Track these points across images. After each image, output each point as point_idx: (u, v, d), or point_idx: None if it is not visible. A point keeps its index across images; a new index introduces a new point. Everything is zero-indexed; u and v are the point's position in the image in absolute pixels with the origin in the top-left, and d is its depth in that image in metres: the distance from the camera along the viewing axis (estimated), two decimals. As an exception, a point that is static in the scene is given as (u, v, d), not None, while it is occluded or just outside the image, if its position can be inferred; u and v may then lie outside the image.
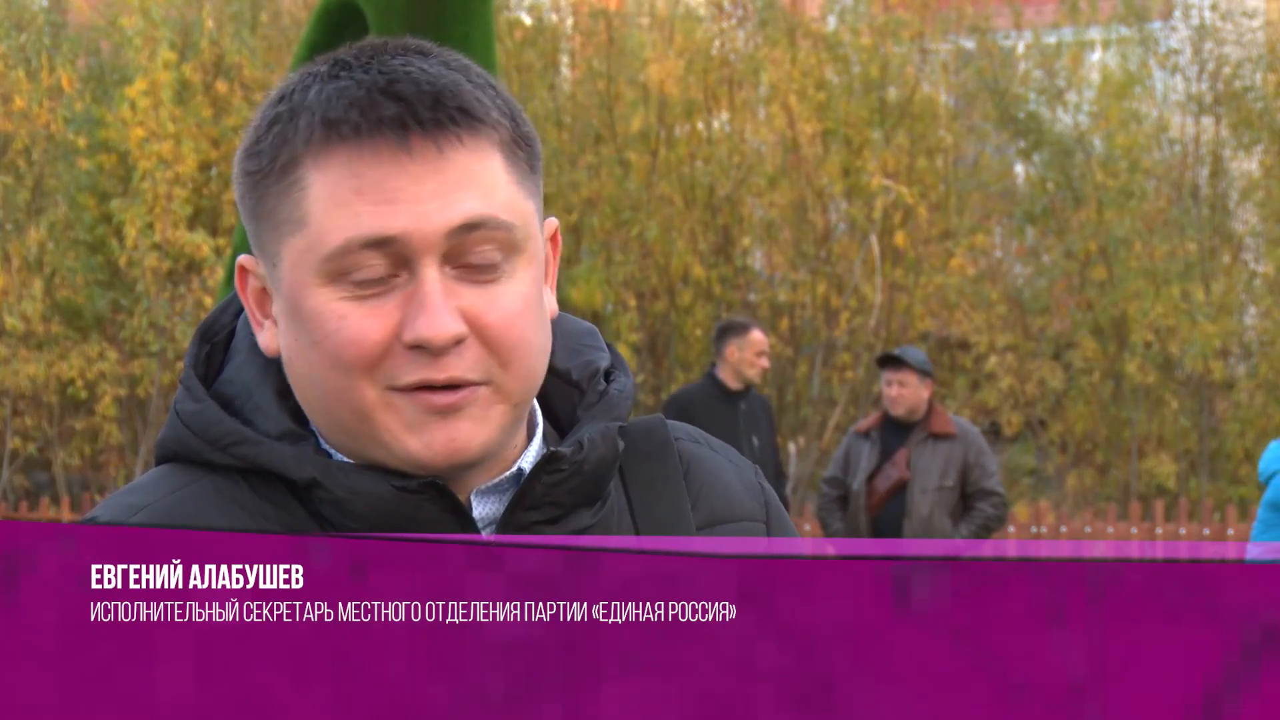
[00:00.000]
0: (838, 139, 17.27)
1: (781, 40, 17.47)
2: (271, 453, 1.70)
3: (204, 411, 1.74)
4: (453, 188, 1.65)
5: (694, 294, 17.17)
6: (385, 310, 1.66)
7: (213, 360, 1.80)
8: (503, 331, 1.67)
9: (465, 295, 1.66)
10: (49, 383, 16.63)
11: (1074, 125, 17.37)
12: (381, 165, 1.65)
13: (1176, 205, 17.28)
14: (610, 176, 16.94)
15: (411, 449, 1.67)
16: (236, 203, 1.75)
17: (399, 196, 1.65)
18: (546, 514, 1.73)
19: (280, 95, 1.72)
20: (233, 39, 17.16)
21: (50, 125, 16.89)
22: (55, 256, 16.88)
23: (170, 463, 1.76)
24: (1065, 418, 17.11)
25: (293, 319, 1.69)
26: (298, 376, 1.71)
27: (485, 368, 1.67)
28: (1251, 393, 16.68)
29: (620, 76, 17.39)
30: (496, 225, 1.67)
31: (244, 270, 1.76)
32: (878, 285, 17.12)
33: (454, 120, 1.67)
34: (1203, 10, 17.39)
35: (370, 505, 1.68)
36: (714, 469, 1.87)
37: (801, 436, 17.13)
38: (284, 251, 1.69)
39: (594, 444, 1.74)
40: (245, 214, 1.73)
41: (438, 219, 1.65)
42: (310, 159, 1.67)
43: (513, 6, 17.60)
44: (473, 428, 1.67)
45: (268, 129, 1.71)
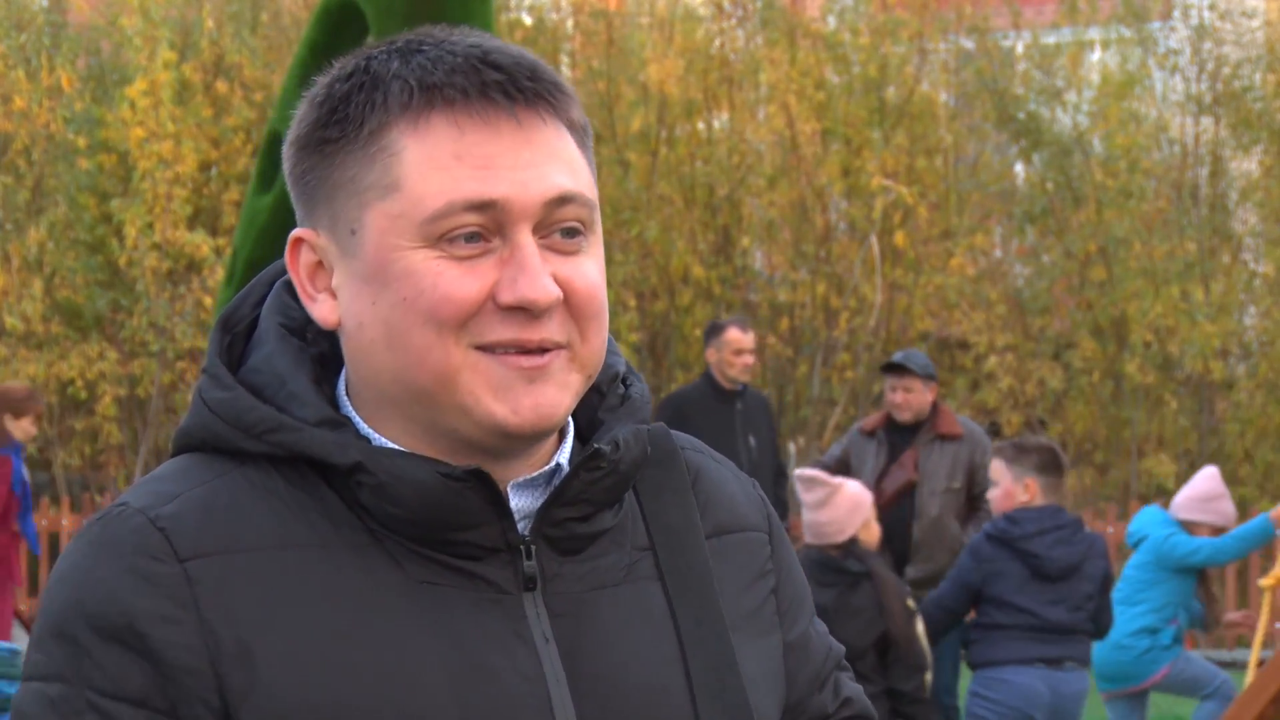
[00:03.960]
0: (837, 139, 17.27)
1: (781, 40, 17.47)
2: (313, 439, 1.69)
3: (236, 399, 1.73)
4: (546, 159, 1.69)
5: (694, 294, 17.16)
6: (481, 271, 1.67)
7: (234, 350, 1.79)
8: (586, 301, 1.70)
9: (554, 263, 1.69)
10: (49, 383, 16.63)
11: (1073, 125, 17.37)
12: (482, 130, 1.67)
13: (1176, 205, 17.28)
14: (610, 176, 16.94)
15: (497, 413, 1.68)
16: (295, 180, 1.74)
17: (496, 162, 1.67)
18: (580, 511, 1.74)
19: (350, 71, 1.72)
20: (233, 39, 17.16)
21: (50, 125, 16.89)
22: (55, 256, 16.88)
23: (193, 452, 1.75)
24: (1065, 418, 17.11)
25: (374, 282, 1.69)
26: (370, 344, 1.70)
27: (568, 333, 1.70)
28: (1251, 393, 16.68)
29: (620, 76, 17.39)
30: (584, 202, 1.70)
31: (298, 243, 1.75)
32: (878, 285, 17.12)
33: (550, 94, 1.71)
34: (1202, 10, 17.39)
35: (413, 490, 1.67)
36: (719, 479, 1.89)
37: (801, 436, 17.13)
38: (368, 217, 1.69)
39: (629, 444, 1.76)
40: (311, 185, 1.72)
41: (535, 189, 1.67)
42: (407, 123, 1.68)
43: (513, 6, 17.61)
44: (558, 393, 1.69)
45: (345, 99, 1.70)
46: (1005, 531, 7.43)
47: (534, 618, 1.71)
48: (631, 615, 1.75)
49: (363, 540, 1.69)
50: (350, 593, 1.67)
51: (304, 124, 1.73)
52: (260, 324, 1.80)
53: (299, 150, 1.73)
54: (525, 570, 1.71)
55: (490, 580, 1.71)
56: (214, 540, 1.67)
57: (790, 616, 1.88)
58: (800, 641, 1.88)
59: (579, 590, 1.74)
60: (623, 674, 1.73)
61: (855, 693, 1.94)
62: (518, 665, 1.69)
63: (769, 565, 1.87)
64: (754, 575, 1.86)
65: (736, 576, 1.84)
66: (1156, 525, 8.85)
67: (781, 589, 1.88)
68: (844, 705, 1.92)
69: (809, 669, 1.89)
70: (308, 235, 1.74)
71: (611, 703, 1.71)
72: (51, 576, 1.70)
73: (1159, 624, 8.64)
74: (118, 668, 1.63)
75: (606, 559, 1.76)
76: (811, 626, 1.91)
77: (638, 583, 1.77)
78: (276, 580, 1.66)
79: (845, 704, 1.93)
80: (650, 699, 1.73)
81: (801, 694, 1.88)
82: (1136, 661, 8.59)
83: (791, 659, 1.87)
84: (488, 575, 1.70)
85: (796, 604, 1.89)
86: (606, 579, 1.76)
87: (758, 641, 1.82)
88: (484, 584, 1.70)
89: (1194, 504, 8.91)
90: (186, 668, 1.63)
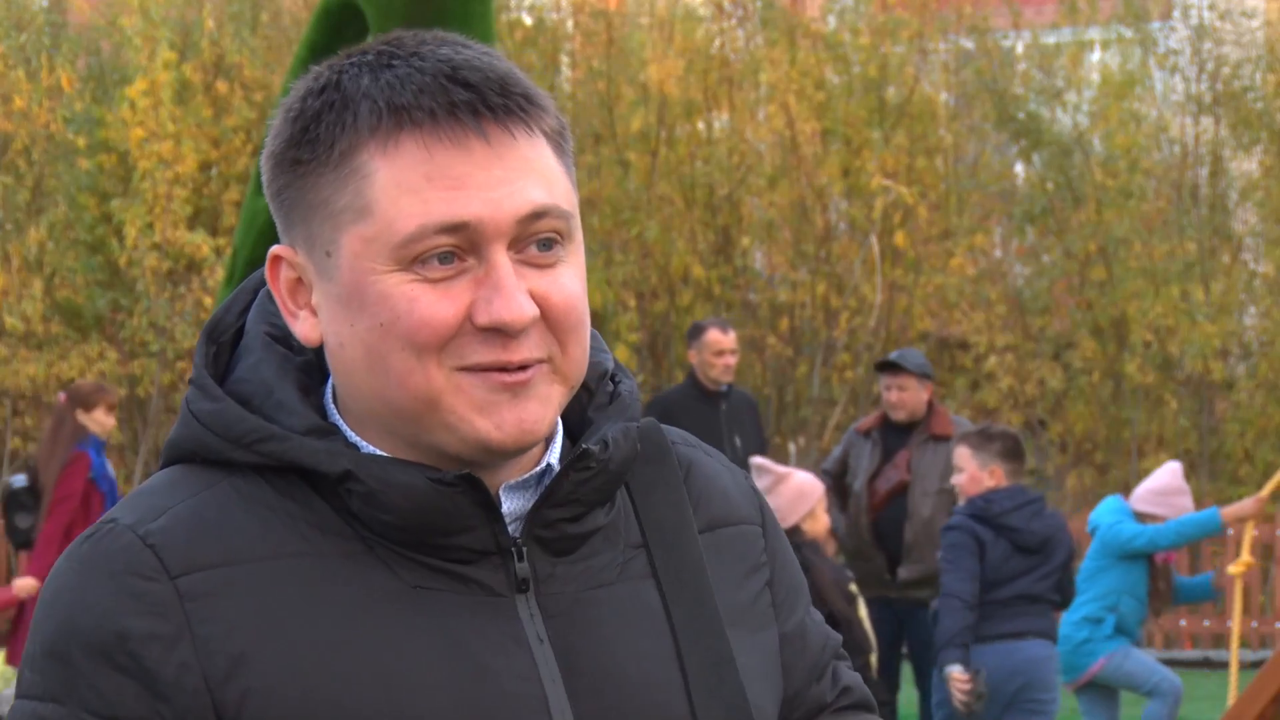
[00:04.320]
0: (837, 139, 17.27)
1: (781, 40, 17.48)
2: (301, 448, 1.69)
3: (224, 410, 1.72)
4: (518, 175, 1.68)
5: (694, 294, 17.16)
6: (456, 293, 1.66)
7: (220, 360, 1.79)
8: (564, 315, 1.69)
9: (530, 279, 1.68)
10: (49, 383, 16.63)
11: (1073, 125, 17.38)
12: (451, 151, 1.66)
13: (1176, 205, 17.29)
14: (610, 176, 16.95)
15: (481, 430, 1.67)
16: (271, 195, 1.73)
17: (468, 183, 1.66)
18: (571, 511, 1.74)
19: (322, 86, 1.70)
20: (233, 39, 17.16)
21: (50, 125, 16.89)
22: (55, 256, 16.88)
23: (182, 464, 1.75)
24: (1065, 418, 17.12)
25: (351, 305, 1.68)
26: (351, 363, 1.70)
27: (547, 347, 1.69)
28: (1251, 393, 16.68)
29: (620, 76, 17.39)
30: (558, 214, 1.69)
31: (277, 261, 1.74)
32: (878, 285, 17.13)
33: (520, 107, 1.69)
34: (1202, 10, 17.40)
35: (404, 496, 1.67)
36: (711, 473, 1.89)
37: (801, 436, 17.14)
38: (343, 239, 1.68)
39: (618, 443, 1.76)
40: (287, 205, 1.72)
41: (508, 206, 1.66)
42: (376, 146, 1.67)
43: (513, 6, 17.61)
44: (540, 408, 1.69)
45: (317, 118, 1.69)
46: (984, 510, 7.67)
47: (527, 619, 1.71)
48: (626, 614, 1.75)
49: (354, 547, 1.69)
50: (343, 600, 1.67)
51: (278, 140, 1.72)
52: (246, 333, 1.79)
53: (274, 166, 1.73)
54: (517, 572, 1.71)
55: (483, 583, 1.70)
56: (205, 554, 1.66)
57: (786, 608, 1.88)
58: (797, 632, 1.88)
59: (573, 590, 1.73)
60: (619, 672, 1.72)
61: (854, 681, 1.94)
62: (513, 667, 1.68)
63: (763, 558, 1.87)
64: (748, 568, 1.85)
65: (731, 570, 1.83)
66: (1109, 514, 8.93)
67: (776, 581, 1.88)
68: (843, 694, 1.92)
69: (806, 659, 1.89)
70: (286, 254, 1.74)
71: (608, 701, 1.71)
72: (42, 595, 1.70)
73: (1101, 613, 8.70)
74: (111, 688, 1.63)
75: (599, 558, 1.76)
76: (808, 616, 1.91)
77: (632, 581, 1.77)
78: (269, 591, 1.66)
79: (844, 693, 1.92)
80: (647, 697, 1.73)
81: (799, 685, 1.88)
82: (1075, 652, 8.64)
83: (788, 650, 1.86)
84: (480, 578, 1.70)
85: (792, 595, 1.89)
86: (600, 578, 1.75)
87: (754, 635, 1.82)
88: (477, 587, 1.70)
89: (1152, 496, 8.97)
90: (181, 686, 1.63)
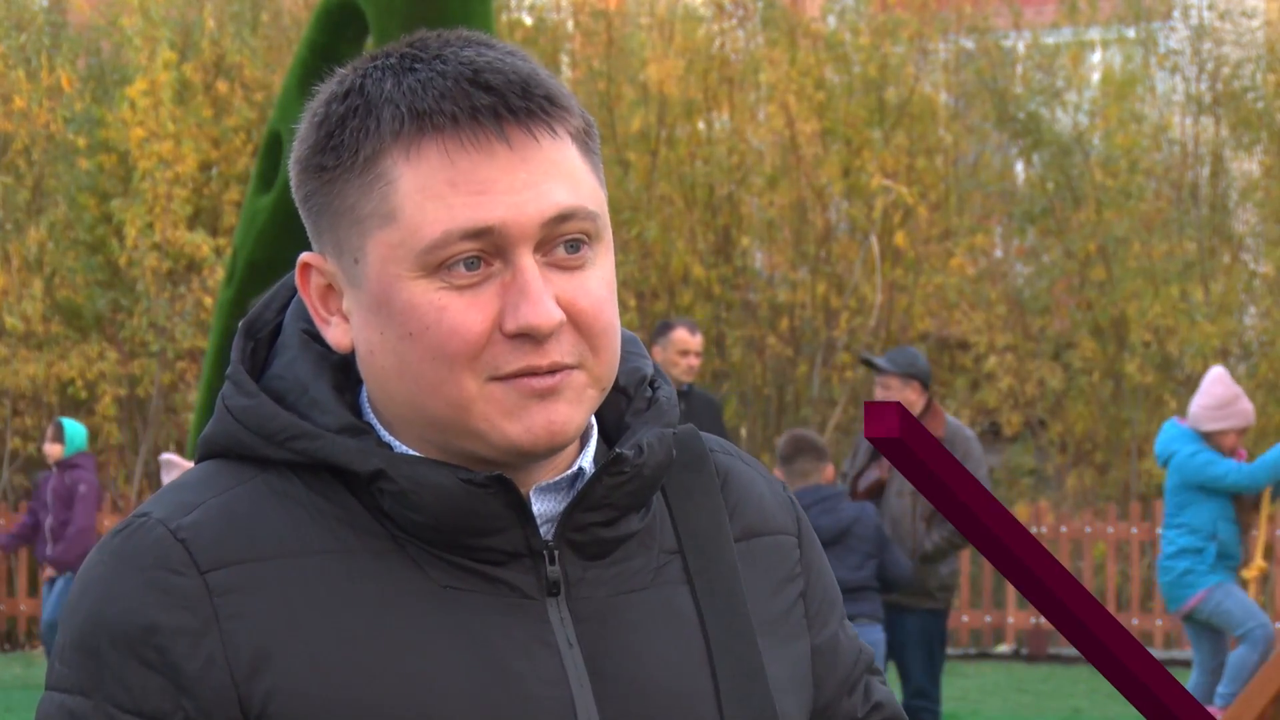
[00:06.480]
0: (837, 139, 17.28)
1: (781, 40, 17.49)
2: (334, 446, 1.69)
3: (259, 406, 1.73)
4: (542, 177, 1.67)
5: (694, 294, 17.17)
6: (483, 300, 1.66)
7: (256, 356, 1.79)
8: (594, 317, 1.68)
9: (557, 282, 1.67)
10: (49, 383, 16.64)
11: (1073, 125, 17.38)
12: (474, 156, 1.65)
13: (1176, 205, 17.30)
14: (610, 176, 16.95)
15: (511, 434, 1.67)
16: (300, 201, 1.73)
17: (492, 187, 1.65)
18: (604, 515, 1.73)
19: (345, 90, 1.70)
20: (233, 39, 17.17)
21: (50, 125, 16.90)
22: (55, 256, 16.89)
23: (216, 459, 1.75)
24: (1065, 418, 17.13)
25: (379, 312, 1.68)
26: (382, 370, 1.70)
27: (578, 352, 1.68)
28: (1251, 393, 16.69)
29: (620, 76, 17.40)
30: (585, 215, 1.68)
31: (306, 267, 1.74)
32: (878, 285, 17.13)
33: (543, 109, 1.68)
34: (1202, 10, 17.40)
35: (435, 497, 1.67)
36: (748, 482, 1.87)
37: (801, 436, 17.14)
38: (369, 246, 1.68)
39: (653, 448, 1.75)
40: (315, 211, 1.72)
41: (532, 209, 1.66)
42: (399, 152, 1.67)
43: (513, 6, 17.62)
44: (569, 410, 1.68)
45: (341, 124, 1.69)
46: None
47: (558, 623, 1.70)
48: (658, 620, 1.74)
49: (385, 546, 1.69)
50: (372, 598, 1.67)
51: (304, 145, 1.72)
52: (283, 330, 1.79)
53: (301, 172, 1.73)
54: (549, 575, 1.71)
55: (513, 585, 1.70)
56: (235, 549, 1.67)
57: (819, 620, 1.87)
58: (829, 645, 1.87)
59: (604, 594, 1.73)
60: (648, 679, 1.72)
61: (886, 696, 1.92)
62: (541, 670, 1.68)
63: (797, 569, 1.86)
64: (782, 579, 1.85)
65: (765, 580, 1.83)
66: (1181, 441, 8.59)
67: (810, 593, 1.87)
68: (874, 710, 1.90)
69: (838, 673, 1.87)
70: (315, 261, 1.74)
71: (636, 707, 1.70)
72: (74, 587, 1.70)
73: (1201, 543, 8.43)
74: (138, 682, 1.64)
75: (633, 563, 1.75)
76: (841, 629, 1.90)
77: (665, 587, 1.76)
78: (298, 587, 1.66)
79: (876, 708, 1.91)
80: (676, 704, 1.72)
81: (830, 698, 1.86)
82: (1176, 583, 8.44)
83: (820, 662, 1.86)
84: (511, 580, 1.70)
85: (826, 607, 1.88)
86: (633, 583, 1.75)
87: (785, 646, 1.81)
88: (507, 589, 1.70)
89: (1213, 413, 8.64)
90: (206, 680, 1.63)
